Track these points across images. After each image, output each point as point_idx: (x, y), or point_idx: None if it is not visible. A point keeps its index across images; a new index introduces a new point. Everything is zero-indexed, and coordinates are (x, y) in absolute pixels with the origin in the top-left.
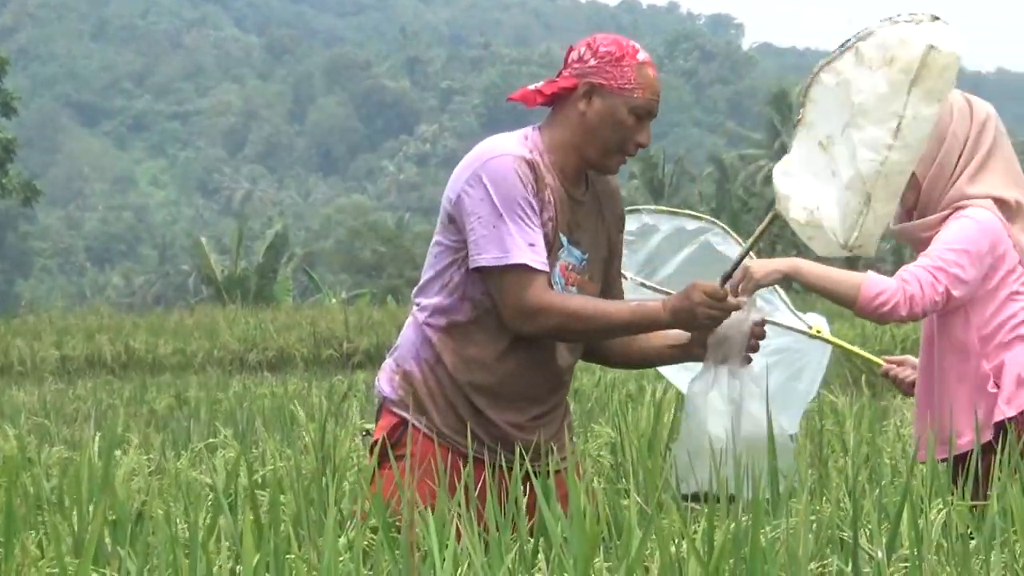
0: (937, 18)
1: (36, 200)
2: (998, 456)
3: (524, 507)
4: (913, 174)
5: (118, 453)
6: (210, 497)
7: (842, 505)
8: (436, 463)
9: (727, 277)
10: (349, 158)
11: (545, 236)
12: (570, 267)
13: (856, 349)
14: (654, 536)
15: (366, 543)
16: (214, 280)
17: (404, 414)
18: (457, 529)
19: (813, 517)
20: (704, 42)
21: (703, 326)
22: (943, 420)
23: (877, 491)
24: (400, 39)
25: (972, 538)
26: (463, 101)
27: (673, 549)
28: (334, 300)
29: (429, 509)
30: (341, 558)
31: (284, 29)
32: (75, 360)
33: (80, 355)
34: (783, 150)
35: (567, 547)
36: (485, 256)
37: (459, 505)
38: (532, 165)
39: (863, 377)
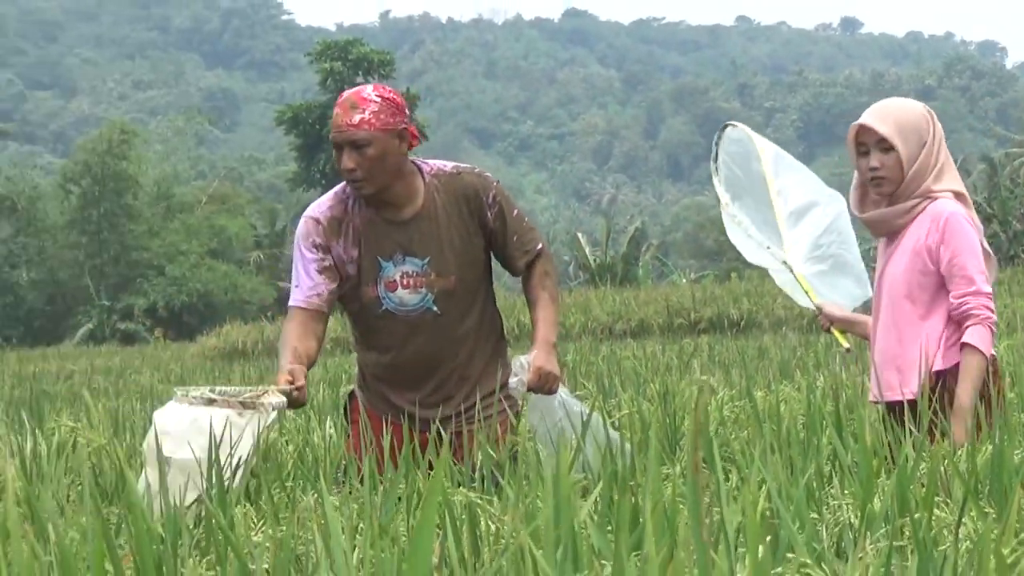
0: None
1: None
2: None
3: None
4: (901, 168)
5: None
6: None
7: None
8: (371, 428)
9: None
10: (693, 167)
11: (358, 270)
12: (411, 274)
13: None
14: (926, 459)
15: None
16: (588, 267)
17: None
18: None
19: None
20: (975, 63)
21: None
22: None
23: None
24: (731, 69)
25: None
26: (783, 118)
27: (941, 469)
28: (683, 280)
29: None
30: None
31: (638, 65)
32: None
33: None
34: None
35: (856, 469)
36: None
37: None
38: (317, 221)
39: None
